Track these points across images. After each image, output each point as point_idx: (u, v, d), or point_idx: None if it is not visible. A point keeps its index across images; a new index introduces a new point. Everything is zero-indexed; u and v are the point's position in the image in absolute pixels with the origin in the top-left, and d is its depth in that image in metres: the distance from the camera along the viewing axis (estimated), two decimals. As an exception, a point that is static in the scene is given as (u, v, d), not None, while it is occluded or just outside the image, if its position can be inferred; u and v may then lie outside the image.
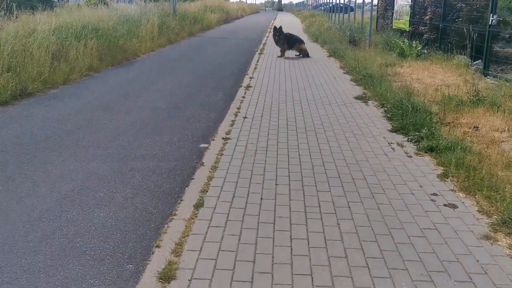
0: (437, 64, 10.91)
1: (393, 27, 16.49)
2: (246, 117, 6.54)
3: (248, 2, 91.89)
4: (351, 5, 27.22)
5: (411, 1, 14.69)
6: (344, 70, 11.11)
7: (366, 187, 4.18)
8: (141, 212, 3.65)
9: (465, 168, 4.45)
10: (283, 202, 3.83)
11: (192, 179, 4.33)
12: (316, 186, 4.19)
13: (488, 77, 9.31)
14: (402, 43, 12.02)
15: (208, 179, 4.29)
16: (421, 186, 4.22)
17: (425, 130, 5.56)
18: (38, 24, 9.92)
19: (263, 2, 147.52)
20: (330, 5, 31.97)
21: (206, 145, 5.32)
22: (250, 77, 9.83)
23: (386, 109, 7.03)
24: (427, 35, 13.15)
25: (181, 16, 21.56)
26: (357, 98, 7.95)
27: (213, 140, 5.53)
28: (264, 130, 5.94)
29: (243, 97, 7.89)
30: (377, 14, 20.79)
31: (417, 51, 11.72)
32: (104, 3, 18.57)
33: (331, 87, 8.98)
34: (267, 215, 3.60)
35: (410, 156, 5.04)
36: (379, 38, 15.24)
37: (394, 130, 5.98)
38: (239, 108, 7.07)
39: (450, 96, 7.32)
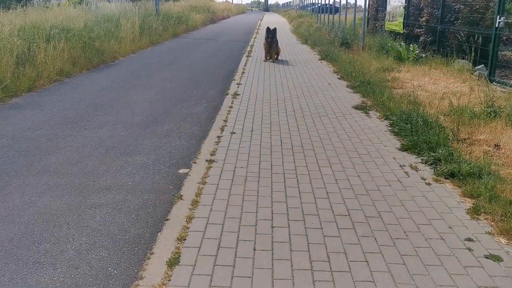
0: (437, 69, 10.20)
1: (386, 29, 15.83)
2: (234, 133, 5.70)
3: (234, 2, 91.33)
4: (336, 5, 26.61)
5: (405, 2, 14.02)
6: (338, 75, 10.34)
7: (384, 229, 3.37)
8: (96, 275, 2.78)
9: (501, 202, 3.68)
10: (282, 255, 3.00)
11: (167, 220, 3.47)
12: (321, 228, 3.36)
13: (494, 83, 8.61)
14: (399, 46, 11.29)
15: (187, 220, 3.43)
16: (450, 227, 3.43)
17: (442, 150, 4.78)
18: (2, 25, 8.96)
19: (249, 2, 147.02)
20: (318, 5, 31.31)
21: (187, 171, 4.47)
22: (237, 83, 8.99)
23: (391, 122, 6.25)
24: (423, 37, 12.47)
25: (164, 16, 20.61)
26: (356, 108, 7.16)
27: (195, 163, 4.67)
28: (255, 149, 5.10)
29: (230, 107, 7.04)
30: (367, 15, 20.13)
31: (415, 54, 11.01)
32: (86, 3, 17.57)
33: (327, 94, 8.19)
34: (262, 276, 2.77)
35: (429, 184, 4.25)
36: (373, 41, 14.53)
37: (404, 149, 5.20)
38: (225, 121, 6.22)
39: (460, 106, 6.58)
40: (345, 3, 22.01)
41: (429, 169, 4.59)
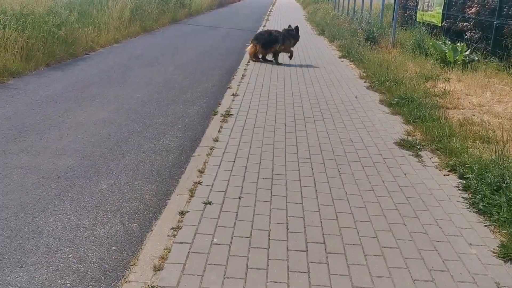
0: (496, 77, 7.82)
1: (418, 20, 13.35)
2: (210, 203, 3.44)
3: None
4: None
5: (447, -12, 11.52)
6: (366, 81, 8.00)
7: None
8: None
9: None
10: None
11: None
12: None
13: None
14: (443, 46, 8.87)
15: None
16: None
17: None
18: None
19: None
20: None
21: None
22: (233, 94, 6.70)
23: (462, 179, 3.96)
24: (470, 33, 10.02)
25: (162, -2, 18.21)
26: (401, 144, 4.87)
27: (128, 283, 2.47)
28: (240, 250, 2.87)
29: (215, 140, 4.76)
30: (394, 2, 17.56)
31: (464, 57, 8.60)
32: None
33: (354, 115, 5.89)
34: None
35: None
36: (404, 35, 12.08)
37: (507, 252, 2.92)
38: (201, 173, 3.95)
39: None
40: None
41: None
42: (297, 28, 9.51)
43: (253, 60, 9.48)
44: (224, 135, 4.94)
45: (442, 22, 11.58)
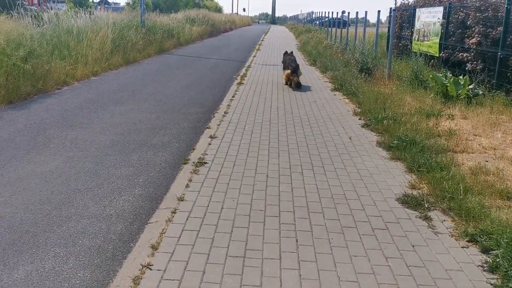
0: (504, 113, 7.08)
1: (413, 50, 12.76)
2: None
3: (243, 13, 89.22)
4: (344, 19, 23.65)
5: (443, 17, 10.95)
6: (360, 118, 7.24)
7: None
8: None
9: None
10: None
11: None
12: None
13: None
14: (443, 78, 8.16)
15: None
16: None
17: None
18: None
19: (257, 14, 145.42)
20: (326, 19, 28.36)
21: None
22: (211, 136, 5.89)
23: (491, 262, 3.09)
24: (471, 65, 9.36)
25: (149, 28, 17.68)
26: (405, 201, 4.03)
27: None
28: None
29: (180, 199, 3.91)
30: (388, 32, 17.09)
31: (468, 91, 7.88)
32: (89, 12, 14.73)
33: (348, 162, 5.08)
34: None
35: None
36: (400, 66, 11.44)
37: None
38: (154, 250, 3.08)
39: None
40: (354, 17, 18.60)
41: None
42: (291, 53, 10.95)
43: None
44: (192, 191, 4.09)
45: (439, 53, 10.96)
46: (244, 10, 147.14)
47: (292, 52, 11.22)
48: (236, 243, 3.20)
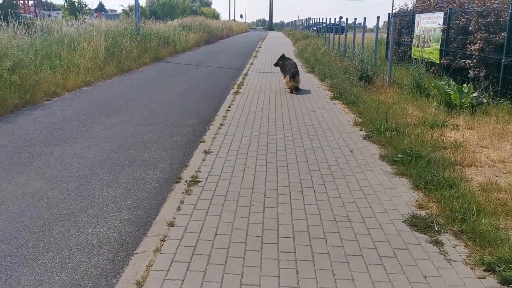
0: (510, 123, 6.81)
1: (413, 57, 12.52)
2: None
3: (240, 20, 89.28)
4: (342, 25, 23.45)
5: (444, 23, 10.71)
6: (361, 129, 6.95)
7: None
8: None
9: None
10: None
11: None
12: None
13: None
14: (446, 86, 7.89)
15: None
16: None
17: None
18: None
19: (254, 21, 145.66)
20: (323, 25, 28.14)
21: None
22: (205, 151, 5.59)
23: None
24: (474, 72, 9.10)
25: (145, 36, 17.43)
26: (413, 224, 3.74)
27: None
28: None
29: (170, 225, 3.60)
30: (387, 38, 16.88)
31: (472, 99, 7.61)
32: (82, 19, 14.46)
33: (351, 180, 4.78)
34: None
35: None
36: (401, 74, 11.18)
37: None
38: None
39: None
40: (352, 23, 18.34)
41: None
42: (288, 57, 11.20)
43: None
44: (184, 215, 3.79)
45: (440, 59, 10.71)
46: (241, 16, 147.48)
47: (289, 57, 11.28)
48: (230, 277, 2.90)
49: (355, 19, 16.11)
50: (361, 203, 4.17)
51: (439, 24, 10.93)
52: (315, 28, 37.02)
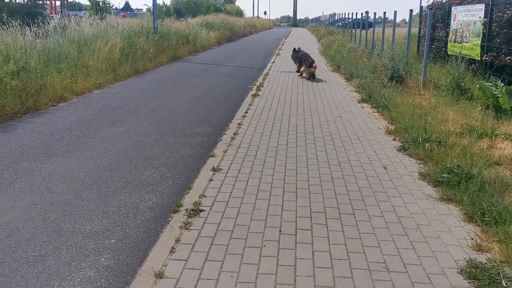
0: None
1: (449, 53, 11.45)
2: None
3: (264, 17, 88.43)
4: (369, 20, 22.28)
5: (485, 16, 9.63)
6: (395, 139, 6.06)
7: None
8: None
9: None
10: None
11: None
12: None
13: None
14: (494, 88, 6.89)
15: None
16: None
17: None
18: None
19: (278, 17, 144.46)
20: (349, 20, 26.97)
21: None
22: (214, 169, 4.81)
23: None
24: (523, 70, 8.04)
25: (162, 35, 16.82)
26: (472, 276, 2.87)
27: None
28: None
29: (159, 275, 2.84)
30: (419, 33, 15.75)
31: (524, 103, 6.59)
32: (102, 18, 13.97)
33: (386, 207, 3.93)
34: None
35: None
36: (436, 72, 10.16)
37: None
38: None
39: None
40: (379, 17, 17.07)
41: None
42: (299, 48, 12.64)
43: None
44: (178, 260, 3.03)
45: (481, 56, 9.64)
46: (265, 13, 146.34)
47: (300, 48, 12.72)
48: None
49: (384, 13, 15.02)
50: (401, 242, 3.32)
51: (480, 17, 9.85)
52: (340, 24, 35.82)
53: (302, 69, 11.85)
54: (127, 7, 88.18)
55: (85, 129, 6.54)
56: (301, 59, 11.98)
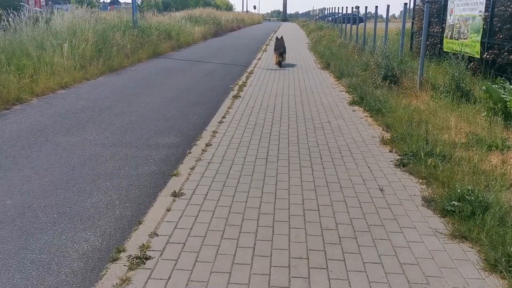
0: None
1: (445, 50, 10.71)
2: None
3: (253, 11, 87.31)
4: (359, 15, 21.46)
5: (486, 10, 8.86)
6: (392, 151, 5.25)
7: None
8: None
9: None
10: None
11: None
12: None
13: None
14: (502, 90, 6.10)
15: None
16: None
17: None
18: None
19: (269, 12, 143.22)
20: (339, 15, 26.13)
21: None
22: (175, 193, 3.95)
23: None
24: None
25: (142, 29, 15.85)
26: None
27: None
28: None
29: None
30: (412, 28, 14.96)
31: (535, 108, 5.82)
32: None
33: (385, 249, 3.11)
34: None
35: None
36: (432, 71, 9.37)
37: None
38: None
39: None
40: (371, 12, 16.29)
41: None
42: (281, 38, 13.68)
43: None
44: None
45: (482, 54, 8.87)
46: (254, 7, 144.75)
47: (282, 37, 13.72)
48: None
49: (376, 7, 14.21)
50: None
51: (480, 11, 9.07)
52: (330, 19, 34.97)
53: (275, 56, 13.31)
54: (115, 1, 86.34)
55: (33, 139, 5.63)
56: (276, 47, 13.47)
